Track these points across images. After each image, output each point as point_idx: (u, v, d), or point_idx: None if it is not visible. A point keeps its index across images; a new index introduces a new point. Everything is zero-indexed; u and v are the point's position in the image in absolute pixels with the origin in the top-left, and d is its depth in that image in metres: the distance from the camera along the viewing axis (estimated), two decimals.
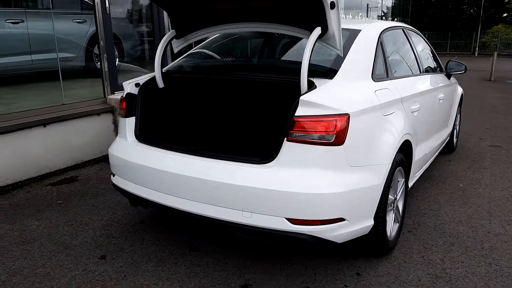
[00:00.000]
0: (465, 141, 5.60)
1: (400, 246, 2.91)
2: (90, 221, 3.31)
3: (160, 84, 2.94)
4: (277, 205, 2.15)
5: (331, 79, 2.42)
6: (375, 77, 2.67)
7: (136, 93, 2.85)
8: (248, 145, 2.57)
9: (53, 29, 5.10)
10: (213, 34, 2.99)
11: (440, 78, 4.07)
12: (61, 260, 2.75)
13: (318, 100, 2.16)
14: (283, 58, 3.14)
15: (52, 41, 5.10)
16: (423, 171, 3.67)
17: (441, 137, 4.08)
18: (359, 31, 2.82)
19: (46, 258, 2.78)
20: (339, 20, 2.36)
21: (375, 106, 2.45)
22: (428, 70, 3.88)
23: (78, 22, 6.01)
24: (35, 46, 5.17)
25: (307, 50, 2.28)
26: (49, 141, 4.34)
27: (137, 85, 2.88)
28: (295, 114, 2.14)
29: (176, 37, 2.97)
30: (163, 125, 2.98)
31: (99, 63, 5.96)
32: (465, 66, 4.32)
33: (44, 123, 4.26)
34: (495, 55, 12.62)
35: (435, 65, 4.23)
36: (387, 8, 14.43)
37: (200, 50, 3.40)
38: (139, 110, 2.80)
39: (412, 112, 2.98)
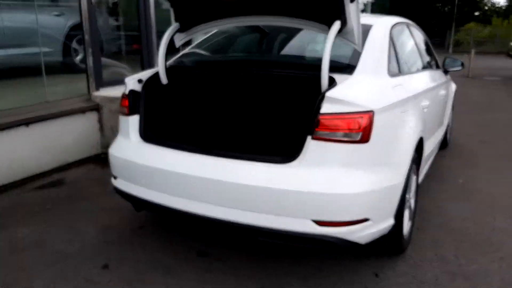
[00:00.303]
0: (455, 137, 5.66)
1: (412, 244, 2.86)
2: (85, 227, 3.11)
3: (164, 80, 2.77)
4: (303, 207, 2.05)
5: (351, 74, 2.33)
6: (390, 73, 2.60)
7: (139, 90, 2.67)
8: (265, 144, 2.45)
9: (29, 22, 4.79)
10: (220, 28, 2.84)
11: (439, 74, 4.07)
12: (60, 270, 2.55)
13: (344, 96, 2.07)
14: (295, 53, 3.03)
15: (29, 35, 4.80)
16: (428, 167, 3.66)
17: (441, 133, 4.09)
18: (370, 26, 2.74)
19: (42, 268, 2.57)
20: (359, 14, 2.27)
21: (394, 103, 2.38)
22: (428, 66, 3.87)
23: (55, 15, 5.71)
24: (9, 40, 4.84)
25: (327, 45, 2.18)
26: (33, 142, 4.08)
27: (139, 81, 2.70)
28: (321, 112, 2.04)
29: (180, 30, 2.80)
30: (170, 124, 2.82)
31: (77, 57, 5.69)
32: (462, 62, 4.34)
33: (27, 122, 4.00)
34: (473, 52, 12.94)
35: (434, 61, 4.22)
36: (365, 4, 14.53)
37: (201, 46, 3.24)
38: (144, 108, 2.63)
39: (423, 109, 2.94)
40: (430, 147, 3.35)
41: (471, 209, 3.46)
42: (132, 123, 2.61)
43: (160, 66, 2.74)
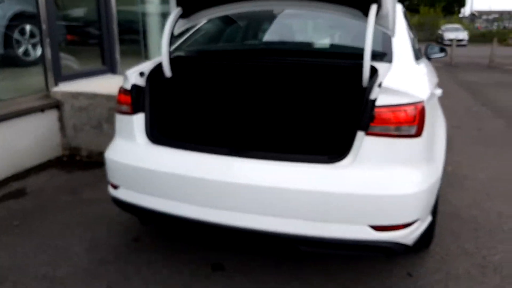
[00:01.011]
0: None
1: None
2: (68, 245, 2.67)
3: (168, 72, 2.40)
4: (359, 212, 1.83)
5: (390, 62, 2.14)
6: (415, 61, 2.45)
7: (142, 85, 2.29)
8: (304, 142, 2.19)
9: None
10: (229, 13, 2.49)
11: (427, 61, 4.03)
12: None
13: (398, 86, 1.86)
14: (320, 40, 2.77)
15: None
16: None
17: None
18: None
19: None
20: None
21: (431, 92, 2.23)
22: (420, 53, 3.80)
23: None
24: None
25: (369, 31, 1.97)
26: None
27: (141, 74, 2.31)
28: (377, 104, 1.82)
29: (182, 16, 2.43)
30: (184, 123, 2.46)
31: (20, 49, 5.01)
32: (442, 48, 4.32)
33: None
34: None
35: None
36: None
37: (200, 33, 2.88)
38: (149, 105, 2.25)
39: (437, 97, 2.84)
40: None
41: (470, 196, 3.46)
42: (137, 122, 2.22)
43: (164, 57, 2.36)
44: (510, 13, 42.63)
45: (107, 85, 4.43)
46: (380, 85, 1.87)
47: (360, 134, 1.85)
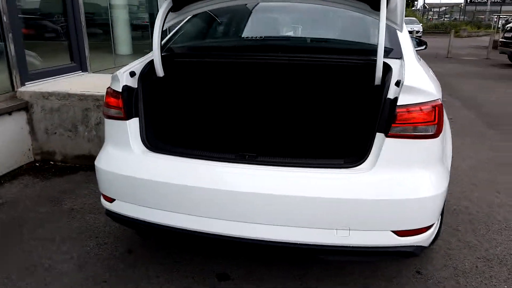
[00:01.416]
0: None
1: None
2: (55, 263, 2.45)
3: (160, 72, 2.22)
4: (381, 217, 1.75)
5: (399, 59, 2.08)
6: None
7: (133, 86, 2.10)
8: (315, 146, 2.08)
9: None
10: (224, 6, 2.33)
11: None
12: None
13: (418, 84, 1.80)
14: (323, 35, 2.63)
15: None
16: None
17: None
18: None
19: None
20: None
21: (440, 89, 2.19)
22: None
23: None
24: None
25: (381, 25, 1.89)
26: None
27: (131, 74, 2.12)
28: (399, 104, 1.75)
29: (172, 9, 2.26)
30: (183, 127, 2.29)
31: None
32: (418, 40, 4.36)
33: None
34: None
35: None
36: None
37: (189, 28, 2.69)
38: (144, 108, 2.06)
39: None
40: None
41: (458, 187, 3.51)
42: (131, 129, 2.04)
43: (155, 55, 2.18)
44: (459, 5, 44.48)
45: (79, 84, 4.15)
46: (398, 84, 1.80)
47: (379, 136, 1.78)
